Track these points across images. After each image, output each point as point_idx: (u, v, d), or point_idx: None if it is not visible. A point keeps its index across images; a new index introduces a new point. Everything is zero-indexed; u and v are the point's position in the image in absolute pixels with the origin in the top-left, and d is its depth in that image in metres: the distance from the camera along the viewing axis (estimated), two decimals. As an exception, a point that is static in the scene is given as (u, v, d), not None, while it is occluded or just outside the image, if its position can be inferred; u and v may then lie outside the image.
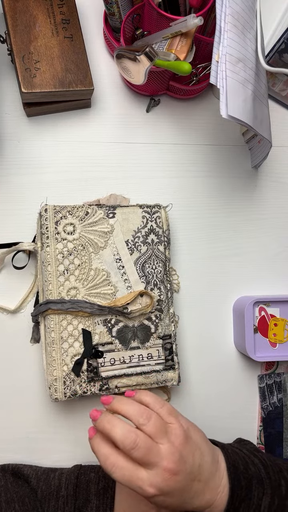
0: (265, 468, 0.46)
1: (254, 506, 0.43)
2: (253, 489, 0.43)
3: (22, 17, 0.55)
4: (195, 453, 0.42)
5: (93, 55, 0.62)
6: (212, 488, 0.42)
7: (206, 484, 0.42)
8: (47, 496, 0.46)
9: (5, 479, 0.48)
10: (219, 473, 0.43)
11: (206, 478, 0.42)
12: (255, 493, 0.43)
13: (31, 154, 0.59)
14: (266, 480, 0.44)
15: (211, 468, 0.43)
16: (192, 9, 0.55)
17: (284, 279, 0.64)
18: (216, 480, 0.43)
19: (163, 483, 0.38)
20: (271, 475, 0.45)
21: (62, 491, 0.46)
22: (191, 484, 0.41)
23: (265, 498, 0.43)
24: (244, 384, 0.61)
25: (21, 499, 0.46)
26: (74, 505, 0.46)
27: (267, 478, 0.45)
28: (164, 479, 0.39)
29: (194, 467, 0.41)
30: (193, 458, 0.42)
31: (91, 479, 0.48)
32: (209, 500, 0.42)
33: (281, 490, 0.44)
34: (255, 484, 0.44)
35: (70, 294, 0.52)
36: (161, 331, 0.55)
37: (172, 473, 0.39)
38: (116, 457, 0.39)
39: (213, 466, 0.43)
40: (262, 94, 0.54)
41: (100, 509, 0.45)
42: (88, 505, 0.46)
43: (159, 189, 0.62)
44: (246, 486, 0.43)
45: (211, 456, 0.44)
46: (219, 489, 0.43)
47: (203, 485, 0.42)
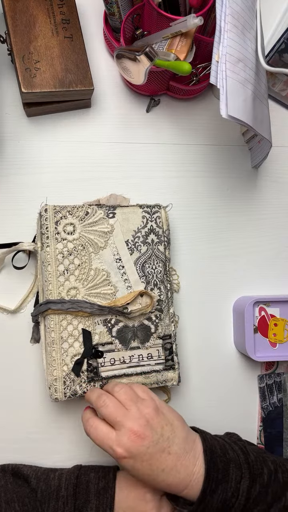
0: (245, 455, 0.47)
1: (232, 489, 0.44)
2: (230, 472, 0.44)
3: (22, 17, 0.55)
4: (165, 426, 0.45)
5: (93, 55, 0.62)
6: (185, 466, 0.43)
7: (178, 459, 0.43)
8: (47, 496, 0.46)
9: (5, 479, 0.48)
10: (194, 452, 0.45)
11: (177, 453, 0.44)
12: (232, 476, 0.44)
13: (31, 154, 0.59)
14: (244, 465, 0.45)
15: (184, 445, 0.44)
16: (192, 9, 0.55)
17: (284, 279, 0.64)
18: (189, 459, 0.44)
19: (129, 444, 0.42)
20: (251, 462, 0.46)
21: (62, 491, 0.46)
22: (159, 454, 0.43)
23: (244, 482, 0.44)
24: (244, 384, 0.61)
25: (21, 499, 0.46)
26: (74, 505, 0.46)
27: (245, 463, 0.45)
28: (129, 440, 0.42)
29: (163, 437, 0.44)
30: (161, 429, 0.44)
31: (90, 479, 0.48)
32: (183, 478, 0.43)
33: (263, 477, 0.45)
34: (233, 468, 0.45)
35: (70, 294, 0.52)
36: (161, 331, 0.55)
37: (137, 436, 0.42)
38: (95, 420, 0.45)
39: (186, 444, 0.45)
40: (262, 94, 0.54)
41: (99, 509, 0.45)
42: (88, 505, 0.46)
43: (159, 189, 0.62)
44: (223, 469, 0.44)
45: (185, 434, 0.45)
46: (195, 468, 0.44)
47: (174, 459, 0.43)
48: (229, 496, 0.43)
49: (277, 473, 0.46)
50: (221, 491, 0.43)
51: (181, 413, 0.57)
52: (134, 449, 0.42)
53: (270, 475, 0.46)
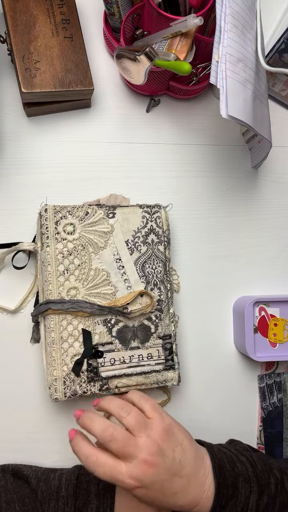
0: (253, 467, 0.46)
1: (241, 504, 0.43)
2: (239, 487, 0.43)
3: (22, 17, 0.55)
4: (176, 448, 0.43)
5: (93, 55, 0.62)
6: (196, 486, 0.42)
7: (189, 481, 0.42)
8: (47, 496, 0.46)
9: (5, 480, 0.48)
10: (204, 470, 0.43)
11: (189, 475, 0.42)
12: (242, 491, 0.43)
13: (31, 154, 0.59)
14: (253, 478, 0.44)
15: (194, 465, 0.43)
16: (192, 9, 0.55)
17: (284, 279, 0.64)
18: (200, 478, 0.43)
19: (141, 475, 0.39)
20: (259, 473, 0.45)
21: (62, 492, 0.46)
22: (171, 479, 0.41)
23: (253, 496, 0.43)
24: (244, 384, 0.61)
25: (21, 499, 0.46)
26: (74, 506, 0.46)
27: (254, 476, 0.45)
28: (142, 471, 0.39)
29: (174, 462, 0.42)
30: (173, 453, 0.42)
31: (91, 480, 0.48)
32: (194, 497, 0.42)
33: (270, 488, 0.45)
34: (242, 482, 0.44)
35: (70, 294, 0.52)
36: (161, 331, 0.55)
37: (150, 465, 0.40)
38: (96, 455, 0.40)
39: (196, 464, 0.43)
40: (262, 94, 0.54)
41: (100, 509, 0.45)
42: (88, 506, 0.46)
43: (159, 189, 0.62)
44: (232, 484, 0.43)
45: (194, 453, 0.44)
46: (205, 487, 0.43)
47: (185, 481, 0.42)
48: (238, 510, 0.43)
49: (283, 482, 0.46)
50: (231, 506, 0.43)
51: (181, 413, 0.58)
52: (147, 479, 0.40)
53: (276, 484, 0.45)
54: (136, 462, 0.40)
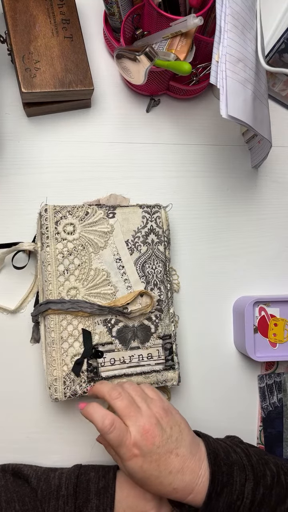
0: (248, 457, 0.46)
1: (237, 492, 0.43)
2: (234, 475, 0.44)
3: (22, 17, 0.55)
4: (173, 427, 0.44)
5: (93, 55, 0.62)
6: (191, 469, 0.42)
7: (184, 462, 0.42)
8: (47, 495, 0.46)
9: (5, 479, 0.48)
10: (199, 455, 0.44)
11: (184, 456, 0.43)
12: (236, 479, 0.43)
13: (31, 154, 0.59)
14: (248, 467, 0.45)
15: (190, 448, 0.44)
16: (192, 9, 0.55)
17: (284, 279, 0.64)
18: (195, 462, 0.43)
19: (142, 442, 0.41)
20: (254, 464, 0.45)
21: (62, 491, 0.46)
22: (168, 455, 0.42)
23: (248, 484, 0.43)
24: (244, 384, 0.61)
25: (21, 498, 0.46)
26: (75, 505, 0.46)
27: (249, 465, 0.45)
28: (141, 437, 0.41)
29: (171, 438, 0.43)
30: (170, 430, 0.43)
31: (91, 479, 0.48)
32: (189, 482, 0.42)
33: (266, 479, 0.45)
34: (237, 470, 0.44)
35: (70, 294, 0.52)
36: (161, 331, 0.55)
37: (149, 434, 0.41)
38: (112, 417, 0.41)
39: (192, 447, 0.44)
40: (262, 94, 0.54)
41: (100, 508, 0.45)
42: (88, 505, 0.46)
43: (159, 189, 0.62)
44: (227, 472, 0.43)
45: (191, 437, 0.45)
46: (200, 472, 0.43)
47: (181, 461, 0.42)
48: (234, 499, 0.43)
49: (279, 476, 0.46)
50: (226, 494, 0.43)
51: (181, 413, 0.58)
52: (145, 447, 0.41)
53: (273, 477, 0.45)
54: (137, 426, 0.41)
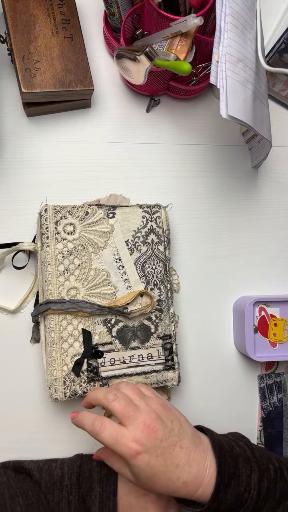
0: (251, 450, 0.46)
1: (244, 484, 0.42)
2: (240, 466, 0.43)
3: (22, 17, 0.55)
4: (174, 421, 0.43)
5: (93, 55, 0.62)
6: (197, 461, 0.42)
7: (190, 453, 0.42)
8: (51, 487, 0.47)
9: (6, 475, 0.48)
10: (202, 447, 0.43)
11: (189, 447, 0.42)
12: (242, 470, 0.43)
13: (31, 154, 0.59)
14: (252, 459, 0.44)
15: (193, 439, 0.43)
16: (192, 9, 0.55)
17: (284, 279, 0.64)
18: (200, 453, 0.43)
19: (144, 438, 0.40)
20: (258, 457, 0.45)
21: (66, 481, 0.47)
22: (172, 448, 0.41)
23: (254, 476, 0.43)
24: (244, 384, 0.61)
25: (25, 493, 0.46)
26: (78, 494, 0.46)
27: (253, 457, 0.44)
28: (143, 433, 0.40)
29: (173, 432, 0.42)
30: (171, 423, 0.43)
31: (93, 467, 0.48)
32: (197, 474, 0.41)
33: (269, 473, 0.44)
34: (242, 462, 0.44)
35: (70, 294, 0.52)
36: (161, 331, 0.55)
37: (150, 429, 0.40)
38: (102, 419, 0.41)
39: (194, 439, 0.43)
40: (262, 94, 0.54)
41: (103, 496, 0.46)
42: (91, 493, 0.46)
43: (159, 189, 0.62)
44: (233, 464, 0.43)
45: (192, 430, 0.44)
46: (206, 463, 0.42)
47: (186, 453, 0.42)
48: (242, 490, 0.42)
49: (282, 471, 0.46)
50: (234, 485, 0.42)
51: (181, 413, 0.58)
52: (149, 442, 0.40)
53: (275, 471, 0.45)
54: (136, 424, 0.40)
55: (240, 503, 0.42)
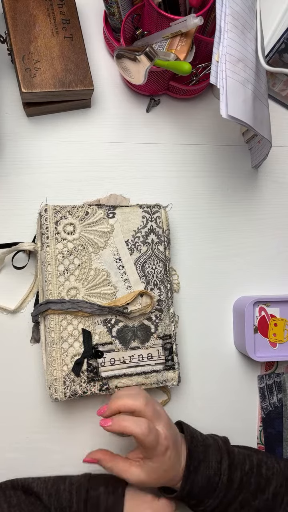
0: (225, 444, 0.51)
1: (213, 468, 0.48)
2: (210, 453, 0.49)
3: (22, 17, 0.55)
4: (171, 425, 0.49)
5: (93, 55, 0.62)
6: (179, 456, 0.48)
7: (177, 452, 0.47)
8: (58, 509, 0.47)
9: (17, 497, 0.48)
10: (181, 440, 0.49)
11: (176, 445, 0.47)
12: (212, 457, 0.49)
13: (31, 154, 0.59)
14: (223, 449, 0.50)
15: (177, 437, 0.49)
16: (192, 9, 0.55)
17: (284, 279, 0.64)
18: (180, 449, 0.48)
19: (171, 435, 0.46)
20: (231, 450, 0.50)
21: (74, 507, 0.47)
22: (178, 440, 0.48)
23: (223, 462, 0.48)
24: (244, 384, 0.61)
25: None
26: None
27: (224, 448, 0.50)
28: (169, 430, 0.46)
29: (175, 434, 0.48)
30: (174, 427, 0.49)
31: (100, 495, 0.48)
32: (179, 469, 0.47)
33: (244, 466, 0.50)
34: (212, 451, 0.49)
35: (70, 294, 0.52)
36: (161, 331, 0.55)
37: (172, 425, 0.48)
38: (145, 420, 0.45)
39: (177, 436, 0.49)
40: (262, 94, 0.54)
41: None
42: None
43: (159, 189, 0.62)
44: (203, 451, 0.49)
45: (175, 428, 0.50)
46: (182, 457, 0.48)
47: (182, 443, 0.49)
48: (212, 474, 0.48)
49: (260, 468, 0.50)
50: (204, 468, 0.48)
51: (181, 413, 0.58)
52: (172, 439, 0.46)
53: (252, 467, 0.50)
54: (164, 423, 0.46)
55: (212, 488, 0.48)
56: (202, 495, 0.48)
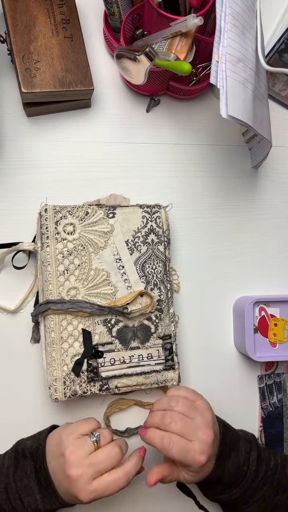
0: (254, 438, 0.53)
1: (243, 457, 0.49)
2: (240, 443, 0.51)
3: (22, 17, 0.55)
4: (215, 423, 0.49)
5: (93, 55, 0.62)
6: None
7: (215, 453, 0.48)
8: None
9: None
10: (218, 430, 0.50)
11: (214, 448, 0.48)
12: (242, 447, 0.50)
13: (31, 154, 0.59)
14: (253, 441, 0.52)
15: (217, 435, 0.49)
16: (192, 9, 0.55)
17: (284, 279, 0.64)
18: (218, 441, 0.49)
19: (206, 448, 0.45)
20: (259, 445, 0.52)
21: (4, 467, 0.47)
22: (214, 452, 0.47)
23: (253, 453, 0.50)
24: (244, 384, 0.61)
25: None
26: (14, 475, 0.46)
27: (254, 441, 0.52)
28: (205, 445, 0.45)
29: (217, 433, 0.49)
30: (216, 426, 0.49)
31: (26, 447, 0.48)
32: None
33: (269, 462, 0.51)
34: (242, 441, 0.51)
35: (70, 294, 0.52)
36: (161, 331, 0.55)
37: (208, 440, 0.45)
38: (170, 436, 0.45)
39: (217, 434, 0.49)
40: (262, 94, 0.54)
41: (36, 467, 0.46)
42: (27, 469, 0.46)
43: (159, 189, 0.62)
44: (234, 440, 0.51)
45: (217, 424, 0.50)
46: None
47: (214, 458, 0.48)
48: (241, 462, 0.49)
49: (284, 467, 0.51)
50: (234, 456, 0.49)
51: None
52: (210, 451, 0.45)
53: (276, 464, 0.51)
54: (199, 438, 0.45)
55: (240, 476, 0.49)
56: (230, 482, 0.49)
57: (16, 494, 0.46)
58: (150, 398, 0.58)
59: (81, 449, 0.44)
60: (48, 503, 0.46)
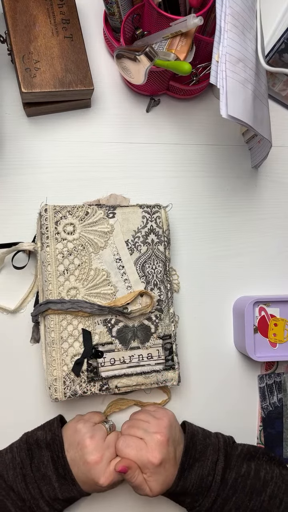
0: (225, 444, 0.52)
1: (208, 468, 0.49)
2: (207, 453, 0.50)
3: (22, 17, 0.55)
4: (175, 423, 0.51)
5: (93, 55, 0.62)
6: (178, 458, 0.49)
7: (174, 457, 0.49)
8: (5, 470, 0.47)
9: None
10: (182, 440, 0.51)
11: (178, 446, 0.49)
12: (209, 457, 0.50)
13: (30, 154, 0.59)
14: (222, 450, 0.50)
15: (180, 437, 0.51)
16: (192, 9, 0.55)
17: (284, 279, 0.64)
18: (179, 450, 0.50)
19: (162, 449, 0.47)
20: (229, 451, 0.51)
21: (17, 459, 0.48)
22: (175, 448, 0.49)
23: (219, 463, 0.49)
24: (244, 384, 0.61)
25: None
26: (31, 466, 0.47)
27: (223, 450, 0.51)
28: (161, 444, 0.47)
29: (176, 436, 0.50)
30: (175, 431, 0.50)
31: (39, 437, 0.49)
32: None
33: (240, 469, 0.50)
34: (210, 451, 0.50)
35: (70, 294, 0.52)
36: (161, 331, 0.55)
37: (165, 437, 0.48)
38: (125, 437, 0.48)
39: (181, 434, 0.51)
40: (262, 94, 0.54)
41: (54, 457, 0.48)
42: (43, 459, 0.48)
43: (159, 189, 0.62)
44: (201, 450, 0.50)
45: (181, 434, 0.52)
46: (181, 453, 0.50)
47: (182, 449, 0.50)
48: (205, 473, 0.49)
49: (258, 472, 0.50)
50: (198, 467, 0.49)
51: (181, 413, 0.58)
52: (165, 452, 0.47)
53: (249, 470, 0.50)
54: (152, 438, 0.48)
55: (205, 486, 0.49)
56: (195, 494, 0.49)
57: (35, 484, 0.47)
58: (150, 398, 0.58)
59: (98, 433, 0.49)
60: (66, 491, 0.48)
